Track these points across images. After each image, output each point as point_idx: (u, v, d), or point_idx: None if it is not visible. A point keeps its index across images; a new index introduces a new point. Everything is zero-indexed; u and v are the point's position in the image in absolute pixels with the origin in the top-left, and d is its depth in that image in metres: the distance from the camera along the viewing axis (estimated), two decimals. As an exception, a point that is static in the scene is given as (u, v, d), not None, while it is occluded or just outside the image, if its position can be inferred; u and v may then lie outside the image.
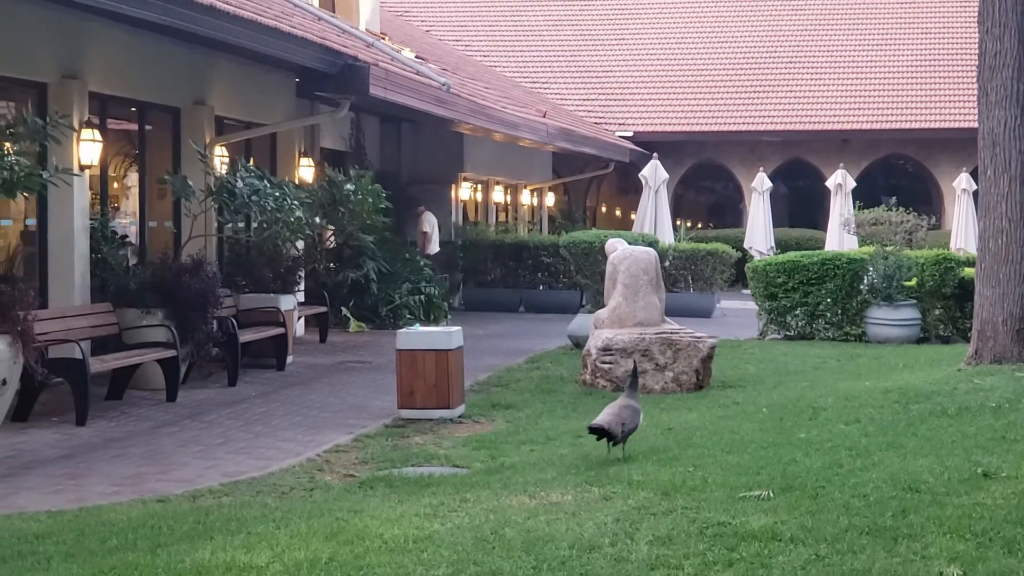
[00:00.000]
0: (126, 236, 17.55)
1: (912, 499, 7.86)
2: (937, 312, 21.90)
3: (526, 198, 35.88)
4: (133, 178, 18.47)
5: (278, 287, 18.51)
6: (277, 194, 17.22)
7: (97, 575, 6.97)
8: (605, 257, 16.98)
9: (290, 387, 16.11)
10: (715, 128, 40.39)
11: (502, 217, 34.16)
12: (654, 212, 30.65)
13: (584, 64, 43.85)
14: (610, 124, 39.92)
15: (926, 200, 40.73)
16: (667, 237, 29.88)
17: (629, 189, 40.45)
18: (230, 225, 18.65)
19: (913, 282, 21.72)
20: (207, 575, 6.86)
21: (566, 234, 27.13)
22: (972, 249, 24.68)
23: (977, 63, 14.22)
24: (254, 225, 19.00)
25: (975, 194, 21.44)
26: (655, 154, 32.38)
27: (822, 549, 6.88)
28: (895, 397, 11.76)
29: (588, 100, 41.65)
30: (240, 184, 16.84)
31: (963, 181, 32.48)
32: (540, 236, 32.63)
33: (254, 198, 16.86)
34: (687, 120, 40.71)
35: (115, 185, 18.62)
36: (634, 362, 13.45)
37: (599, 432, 10.23)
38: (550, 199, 38.56)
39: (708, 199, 49.61)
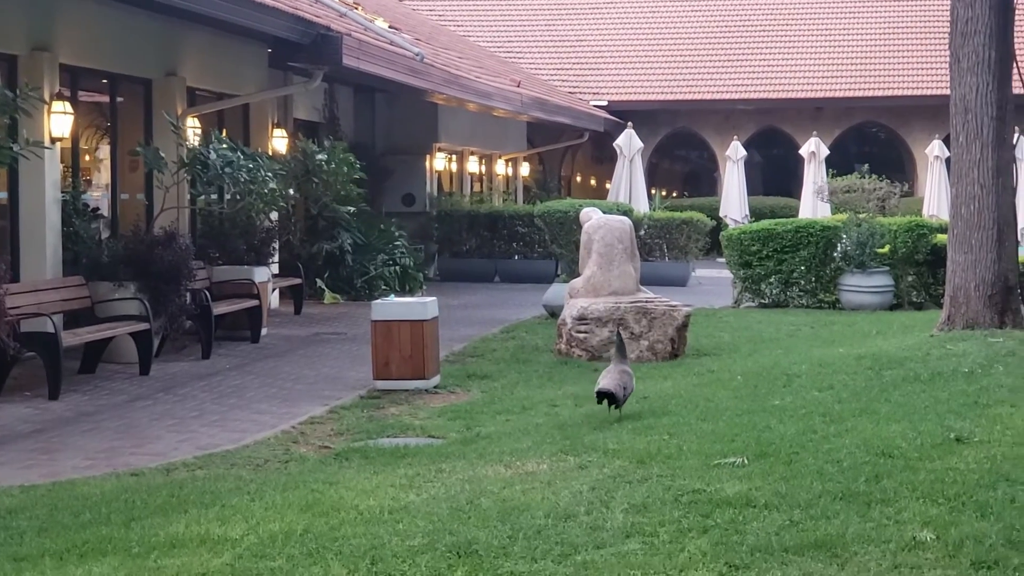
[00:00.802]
0: (98, 209, 17.48)
1: (885, 464, 7.89)
2: (910, 278, 21.97)
3: (501, 168, 35.83)
4: (105, 150, 18.39)
5: (252, 259, 18.45)
6: (250, 165, 17.15)
7: (71, 549, 6.95)
8: (580, 226, 16.97)
9: (264, 359, 16.08)
10: (689, 97, 40.34)
11: (477, 187, 34.11)
12: (629, 181, 30.66)
13: (558, 33, 43.75)
14: (584, 93, 39.86)
15: (899, 167, 40.79)
16: (642, 206, 29.90)
17: (604, 158, 40.43)
18: (203, 197, 18.57)
19: (886, 249, 21.78)
20: (181, 548, 6.84)
21: (541, 204, 27.14)
22: (945, 216, 24.73)
23: (949, 30, 14.23)
24: (227, 197, 18.95)
25: (947, 161, 21.47)
26: (629, 123, 32.36)
27: (796, 515, 6.90)
28: (868, 363, 11.80)
29: (562, 69, 41.57)
30: (213, 155, 16.77)
31: (935, 148, 32.55)
32: (515, 206, 32.61)
33: (227, 169, 16.80)
34: (661, 89, 40.67)
35: (87, 157, 18.53)
36: (618, 331, 13.50)
37: (606, 396, 10.62)
38: (525, 169, 38.53)
39: (683, 168, 49.63)
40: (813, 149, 33.14)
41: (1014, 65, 14.07)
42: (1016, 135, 14.55)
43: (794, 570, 6.09)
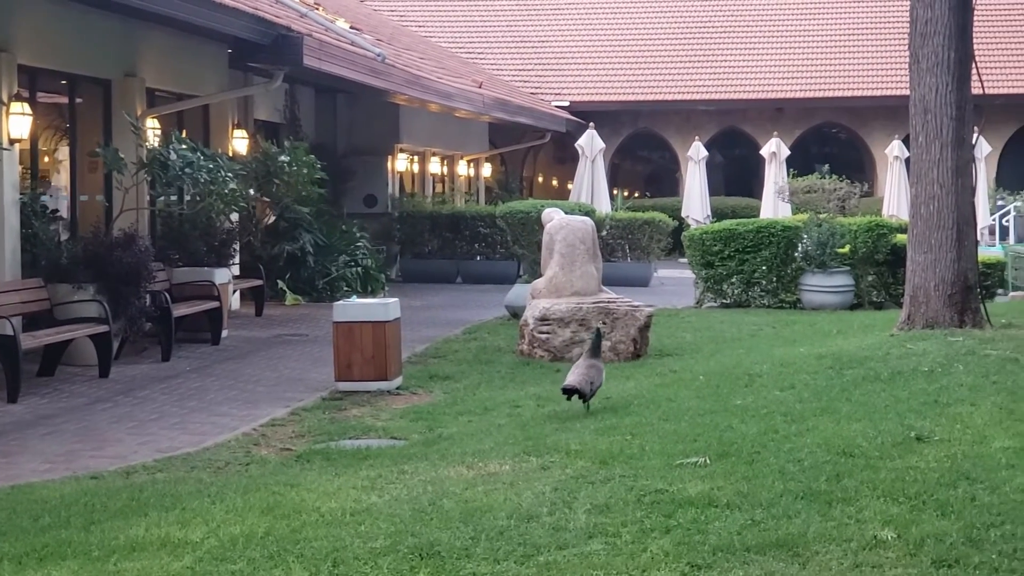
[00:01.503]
0: (57, 210, 17.36)
1: (846, 463, 7.92)
2: (870, 278, 22.07)
3: (463, 169, 35.80)
4: (64, 151, 18.26)
5: (212, 260, 18.36)
6: (210, 166, 17.08)
7: (30, 553, 6.90)
8: (542, 227, 16.96)
9: (225, 361, 16.00)
10: (651, 97, 40.41)
11: (439, 188, 34.08)
12: (591, 182, 30.69)
13: (520, 34, 43.75)
14: (546, 94, 39.88)
15: (859, 167, 40.99)
16: (604, 206, 29.94)
17: (566, 159, 40.45)
18: (163, 198, 18.49)
19: (846, 249, 21.88)
20: (141, 551, 6.80)
21: (503, 204, 27.11)
22: (904, 215, 24.87)
23: (909, 30, 14.29)
24: (187, 198, 18.85)
25: (907, 161, 21.58)
26: (591, 124, 32.39)
27: (758, 514, 6.91)
28: (829, 363, 11.83)
29: (524, 70, 41.57)
30: (173, 156, 16.69)
31: (895, 148, 32.71)
32: (477, 207, 32.59)
33: (187, 170, 16.72)
34: (623, 90, 40.73)
35: (46, 159, 18.40)
36: (597, 328, 13.58)
37: (571, 392, 10.91)
38: (487, 170, 38.51)
39: (644, 168, 49.70)
40: (774, 149, 33.25)
41: (973, 66, 14.14)
42: (975, 135, 14.60)
43: (756, 569, 6.10)
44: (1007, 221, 34.23)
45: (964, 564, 6.07)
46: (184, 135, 18.35)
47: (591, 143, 31.08)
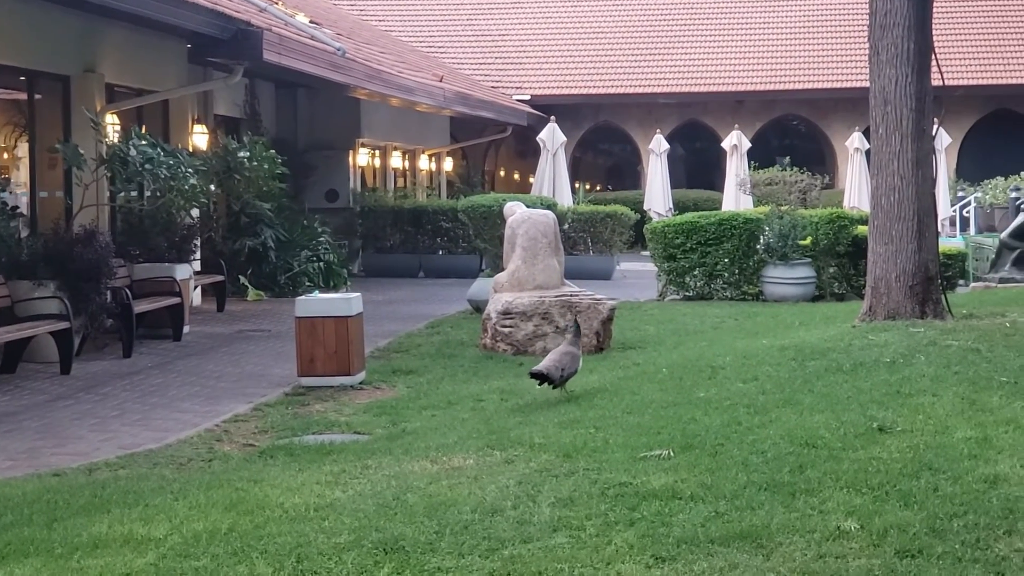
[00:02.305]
0: (16, 207, 17.22)
1: (809, 455, 7.94)
2: (832, 270, 22.16)
3: (424, 163, 35.74)
4: (23, 148, 18.12)
5: (173, 256, 18.29)
6: (171, 162, 17.00)
7: (-9, 552, 6.85)
8: (503, 221, 16.96)
9: (187, 357, 15.94)
10: (611, 91, 40.48)
11: (400, 183, 34.01)
12: (552, 175, 30.73)
13: (480, 28, 43.73)
14: (507, 88, 39.88)
15: (819, 160, 41.21)
16: (566, 200, 29.98)
17: (527, 152, 40.48)
18: (123, 194, 18.38)
19: (808, 241, 21.96)
20: (104, 548, 6.76)
21: (465, 199, 27.09)
22: (865, 207, 24.97)
23: (868, 22, 14.34)
24: (147, 194, 18.76)
25: (867, 153, 21.67)
26: (552, 117, 32.42)
27: (721, 506, 6.93)
28: (791, 354, 11.86)
29: (485, 64, 41.55)
30: (133, 152, 16.60)
31: (855, 140, 32.87)
32: (439, 201, 32.54)
33: (147, 166, 16.64)
34: (584, 83, 40.77)
35: (4, 155, 18.27)
36: (575, 318, 13.65)
37: (539, 377, 11.15)
38: (448, 164, 38.46)
39: (606, 161, 49.78)
40: (735, 142, 33.38)
41: (933, 57, 14.19)
42: (935, 126, 14.66)
43: (720, 561, 6.11)
44: (968, 212, 34.46)
45: (927, 554, 6.10)
46: (144, 131, 18.25)
47: (552, 137, 31.10)
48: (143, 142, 16.95)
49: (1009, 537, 6.29)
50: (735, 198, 31.86)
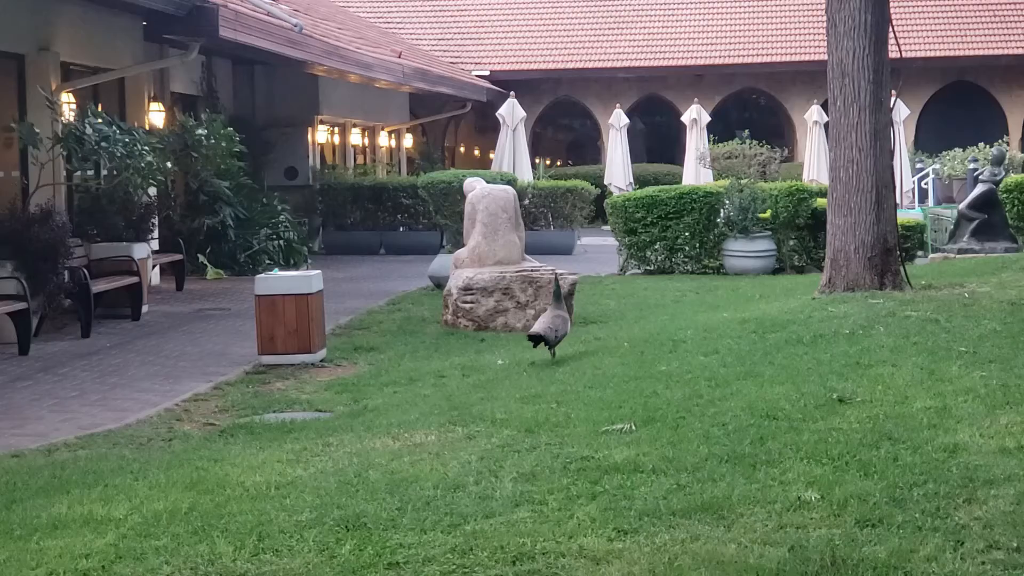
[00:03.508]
0: (-28, 187, 17.10)
1: (770, 426, 7.97)
2: (791, 243, 22.23)
3: (384, 140, 35.62)
4: (-23, 128, 17.96)
5: (131, 235, 18.19)
6: (127, 140, 16.90)
7: (-51, 534, 6.80)
8: (464, 197, 16.93)
9: (146, 337, 15.85)
10: (571, 66, 40.43)
11: (360, 160, 33.89)
12: (512, 151, 30.69)
13: (438, 3, 43.57)
14: (466, 63, 39.76)
15: (779, 133, 41.31)
16: (526, 175, 29.94)
17: (487, 128, 40.38)
18: (79, 173, 18.25)
19: (768, 214, 22.02)
20: (64, 529, 6.72)
21: (424, 175, 27.02)
22: (824, 180, 25.04)
23: (826, -5, 14.35)
24: (104, 172, 18.63)
25: (826, 126, 21.72)
26: (512, 92, 32.35)
27: (683, 478, 6.94)
28: (752, 327, 11.90)
29: (443, 39, 41.41)
30: (89, 130, 16.49)
31: (814, 113, 32.93)
32: (399, 178, 32.46)
33: (103, 144, 16.54)
34: (543, 58, 40.70)
35: (-42, 136, 18.08)
36: (555, 276, 13.76)
37: (537, 339, 11.76)
38: (408, 140, 38.35)
39: (566, 136, 49.75)
40: (694, 116, 33.39)
41: (890, 29, 14.22)
42: (893, 99, 14.70)
43: (682, 533, 6.12)
44: (926, 184, 34.60)
45: (887, 523, 6.13)
46: (100, 109, 18.13)
47: (512, 112, 31.05)
48: (99, 120, 16.84)
49: (968, 505, 6.33)
50: (695, 172, 31.89)
